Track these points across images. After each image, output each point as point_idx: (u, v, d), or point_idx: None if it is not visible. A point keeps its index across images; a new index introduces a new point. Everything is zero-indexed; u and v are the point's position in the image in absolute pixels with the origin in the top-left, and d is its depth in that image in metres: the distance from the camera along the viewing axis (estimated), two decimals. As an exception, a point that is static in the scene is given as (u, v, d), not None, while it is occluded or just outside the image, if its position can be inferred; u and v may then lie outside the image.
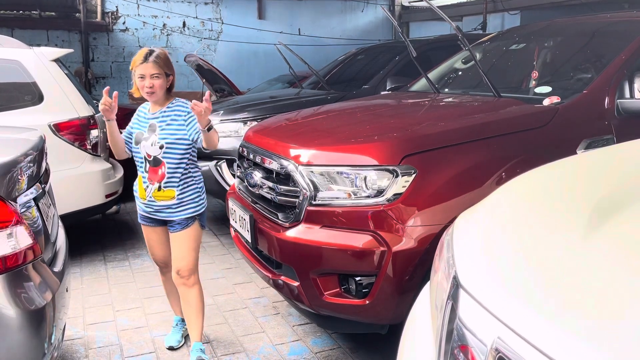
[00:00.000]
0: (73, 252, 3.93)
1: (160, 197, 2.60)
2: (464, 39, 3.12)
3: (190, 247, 2.67)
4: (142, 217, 2.76)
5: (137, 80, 2.53)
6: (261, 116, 4.58)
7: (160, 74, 2.51)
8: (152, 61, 2.49)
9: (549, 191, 1.42)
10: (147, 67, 2.48)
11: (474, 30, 8.75)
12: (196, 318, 2.70)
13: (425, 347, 1.30)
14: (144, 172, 2.61)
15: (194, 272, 2.70)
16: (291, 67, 6.20)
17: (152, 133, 2.59)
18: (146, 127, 2.61)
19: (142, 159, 2.61)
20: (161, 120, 2.59)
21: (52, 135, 3.95)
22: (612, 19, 3.53)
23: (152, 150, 2.58)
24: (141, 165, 2.63)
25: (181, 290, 2.71)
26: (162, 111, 2.61)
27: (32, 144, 2.34)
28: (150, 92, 2.52)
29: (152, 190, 2.61)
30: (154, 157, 2.58)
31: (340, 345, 2.91)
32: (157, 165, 2.58)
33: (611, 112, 2.71)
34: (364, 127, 2.85)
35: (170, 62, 2.60)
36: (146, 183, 2.62)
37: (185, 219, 2.63)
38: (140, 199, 2.68)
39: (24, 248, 1.88)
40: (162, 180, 2.58)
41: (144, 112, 2.67)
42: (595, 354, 0.82)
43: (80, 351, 2.89)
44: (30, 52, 4.16)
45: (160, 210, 2.64)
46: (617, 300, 0.90)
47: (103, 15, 9.31)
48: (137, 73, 2.51)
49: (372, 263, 2.32)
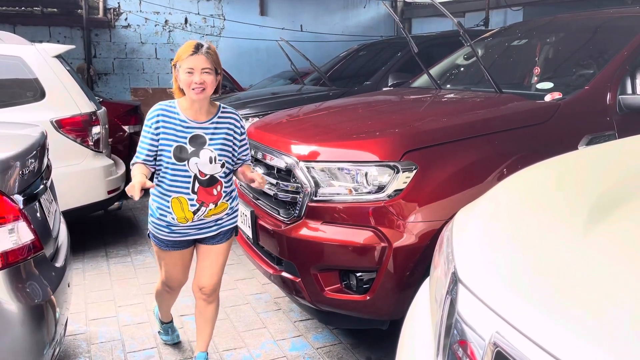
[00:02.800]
0: (75, 248, 3.94)
1: (213, 213, 2.28)
2: (465, 35, 3.12)
3: (222, 263, 2.41)
4: (167, 243, 2.35)
5: (183, 76, 2.12)
6: (263, 112, 4.59)
7: (211, 69, 2.13)
8: (204, 53, 2.11)
9: (548, 187, 1.42)
10: (198, 60, 2.10)
11: (477, 26, 8.72)
12: (207, 329, 2.49)
13: (425, 342, 1.30)
14: (191, 193, 2.20)
15: (218, 289, 2.46)
16: (293, 63, 6.20)
17: (200, 147, 2.18)
18: (186, 139, 2.18)
19: (189, 178, 2.19)
20: (214, 133, 2.21)
21: (53, 131, 3.96)
22: (615, 14, 3.52)
23: (210, 169, 2.20)
24: (185, 185, 2.20)
25: (199, 303, 2.47)
26: (213, 121, 2.22)
27: (34, 140, 2.34)
28: (199, 90, 2.12)
29: (205, 212, 2.25)
30: (211, 176, 2.22)
31: (341, 341, 2.91)
32: (212, 184, 2.22)
33: (613, 108, 2.71)
34: (365, 123, 2.85)
35: (219, 59, 2.22)
36: (195, 206, 2.22)
37: (231, 229, 2.40)
38: (177, 224, 2.26)
39: (25, 243, 1.89)
40: (219, 199, 2.26)
41: (179, 119, 2.19)
42: (592, 348, 0.83)
43: (82, 346, 2.90)
44: (32, 48, 4.16)
45: (207, 226, 2.31)
46: (614, 296, 0.90)
47: (105, 11, 9.31)
48: (185, 67, 2.11)
49: (373, 259, 2.33)
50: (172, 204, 2.22)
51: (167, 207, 2.24)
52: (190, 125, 2.20)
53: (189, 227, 2.29)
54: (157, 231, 2.33)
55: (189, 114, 2.22)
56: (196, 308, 2.51)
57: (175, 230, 2.29)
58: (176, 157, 2.18)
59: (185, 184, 2.20)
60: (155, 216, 2.30)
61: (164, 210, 2.25)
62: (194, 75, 2.11)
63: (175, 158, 2.18)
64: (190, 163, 2.18)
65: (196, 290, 2.44)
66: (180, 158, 2.18)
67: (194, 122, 2.21)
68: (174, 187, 2.21)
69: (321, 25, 10.74)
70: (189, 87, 2.13)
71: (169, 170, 2.20)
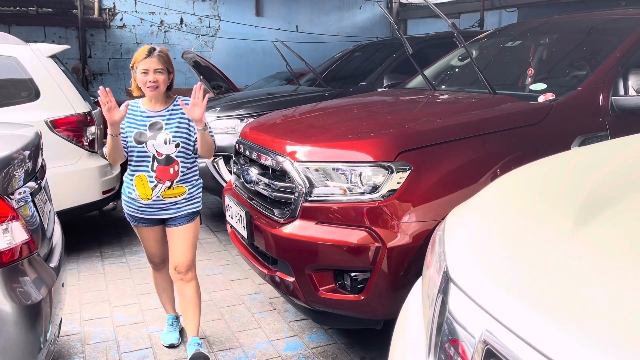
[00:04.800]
0: (70, 249, 3.94)
1: (170, 195, 2.58)
2: (459, 36, 3.13)
3: (191, 243, 2.67)
4: (137, 219, 2.69)
5: (139, 76, 2.49)
6: (258, 113, 4.59)
7: (163, 69, 2.49)
8: (156, 56, 2.47)
9: (538, 187, 1.43)
10: (150, 62, 2.46)
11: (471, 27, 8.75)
12: (193, 313, 2.70)
13: (417, 340, 1.31)
14: (150, 171, 2.55)
15: (192, 267, 2.69)
16: (288, 64, 6.20)
17: (157, 131, 2.54)
18: (145, 126, 2.55)
19: (148, 158, 2.55)
20: (169, 118, 2.56)
21: (48, 131, 3.95)
22: (608, 16, 3.55)
23: (166, 149, 2.54)
24: (146, 164, 2.56)
25: (178, 285, 2.71)
26: (168, 109, 2.57)
27: (28, 140, 2.34)
28: (153, 87, 2.48)
29: (161, 189, 2.56)
30: (167, 155, 2.54)
31: (335, 341, 2.92)
32: (169, 163, 2.55)
33: (605, 109, 2.73)
34: (360, 124, 2.86)
35: (171, 60, 2.59)
36: (154, 182, 2.56)
37: (191, 213, 2.64)
38: (139, 200, 2.59)
39: (19, 243, 1.89)
40: (175, 178, 2.57)
41: (140, 111, 2.59)
42: (581, 345, 0.84)
43: (76, 347, 2.90)
44: (27, 48, 4.15)
45: (166, 208, 2.61)
46: (602, 294, 0.91)
47: (100, 11, 9.29)
48: (140, 68, 2.47)
49: (367, 259, 2.33)
50: (135, 181, 2.58)
51: (131, 184, 2.60)
52: (149, 115, 2.57)
53: (150, 206, 2.60)
54: (127, 208, 2.68)
55: (148, 106, 2.60)
56: (178, 293, 2.74)
57: (140, 207, 2.62)
58: (136, 141, 2.55)
59: (146, 163, 2.56)
60: (125, 194, 2.66)
61: (130, 188, 2.62)
62: (149, 75, 2.47)
63: (136, 142, 2.54)
64: (148, 144, 2.54)
65: (173, 273, 2.70)
66: (139, 141, 2.54)
67: (152, 111, 2.58)
68: (137, 166, 2.58)
69: (317, 26, 10.75)
70: (144, 85, 2.49)
71: (133, 153, 2.57)
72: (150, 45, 2.53)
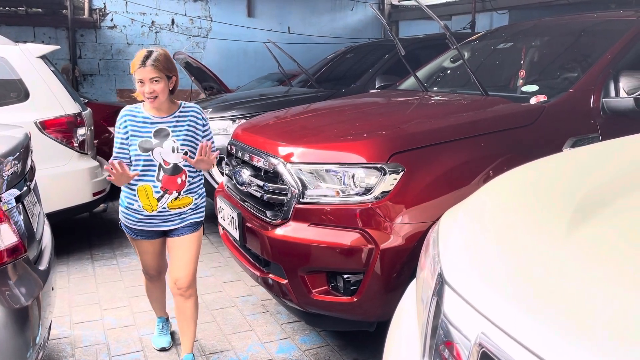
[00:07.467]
0: (60, 251, 3.90)
1: (177, 206, 2.44)
2: (451, 38, 3.14)
3: (193, 255, 2.53)
4: (136, 232, 2.53)
5: (137, 86, 2.34)
6: (250, 114, 4.57)
7: (160, 77, 2.31)
8: (150, 65, 2.29)
9: (532, 189, 1.43)
10: (145, 72, 2.29)
11: (463, 29, 8.78)
12: (189, 328, 2.58)
13: (411, 343, 1.31)
14: (156, 180, 2.39)
15: (193, 283, 2.55)
16: (280, 65, 6.19)
17: (164, 139, 2.38)
18: (150, 133, 2.39)
19: (154, 167, 2.39)
20: (176, 126, 2.41)
21: (38, 132, 3.91)
22: (599, 18, 3.57)
23: (173, 158, 2.39)
24: (151, 174, 2.39)
25: (177, 300, 2.56)
26: (175, 115, 2.42)
27: (17, 142, 2.31)
28: (152, 98, 2.32)
29: (168, 200, 2.41)
30: (174, 164, 2.40)
31: (328, 343, 2.91)
32: (176, 173, 2.41)
33: (597, 110, 2.74)
34: (353, 125, 2.86)
35: (172, 62, 2.40)
36: (159, 193, 2.40)
37: (195, 222, 2.53)
38: (142, 211, 2.43)
39: (8, 246, 1.86)
40: (182, 188, 2.44)
41: (142, 117, 2.41)
42: (576, 348, 0.83)
43: (66, 350, 2.86)
44: (16, 48, 4.11)
45: (170, 219, 2.47)
46: (597, 296, 0.91)
47: (90, 12, 9.23)
48: (137, 78, 2.32)
49: (360, 261, 2.33)
50: (138, 192, 2.42)
51: (133, 195, 2.43)
52: (153, 121, 2.41)
53: (154, 217, 2.45)
54: (126, 219, 2.51)
55: (152, 112, 2.43)
56: (175, 307, 2.59)
57: (142, 219, 2.46)
58: (141, 149, 2.38)
59: (151, 173, 2.40)
60: (124, 205, 2.49)
61: (131, 198, 2.45)
62: (145, 86, 2.32)
63: (141, 149, 2.38)
64: (154, 153, 2.38)
65: (172, 287, 2.54)
66: (145, 149, 2.38)
67: (156, 117, 2.42)
68: (141, 176, 2.40)
69: (309, 27, 10.74)
70: (143, 95, 2.35)
71: (139, 162, 2.39)
72: (146, 50, 2.35)
